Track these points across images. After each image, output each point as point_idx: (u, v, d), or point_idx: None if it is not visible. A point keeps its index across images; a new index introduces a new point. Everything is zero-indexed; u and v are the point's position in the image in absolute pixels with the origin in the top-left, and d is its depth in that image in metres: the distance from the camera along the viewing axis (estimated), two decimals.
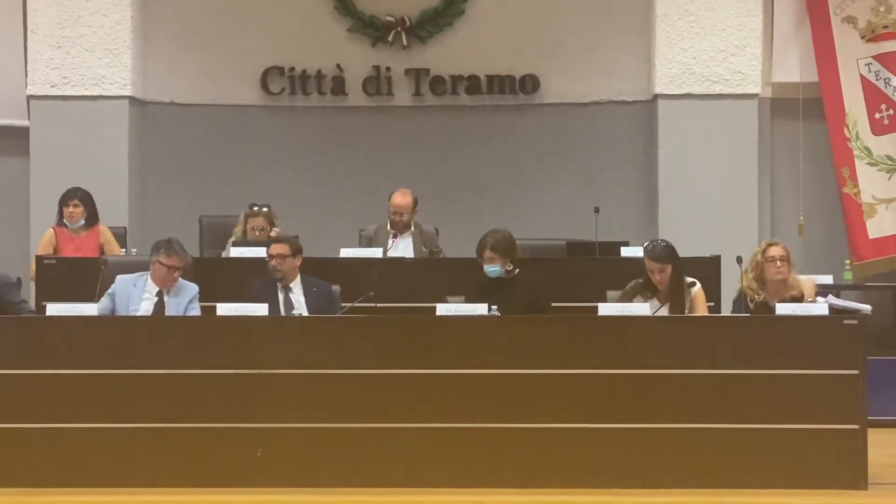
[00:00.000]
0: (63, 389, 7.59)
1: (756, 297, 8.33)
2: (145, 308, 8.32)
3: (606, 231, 10.11)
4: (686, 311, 8.28)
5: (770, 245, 8.48)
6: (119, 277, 8.47)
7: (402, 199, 10.12)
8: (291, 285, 8.63)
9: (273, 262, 8.59)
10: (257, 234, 10.12)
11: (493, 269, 8.56)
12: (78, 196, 10.19)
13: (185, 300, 8.34)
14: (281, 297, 8.58)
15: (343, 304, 8.59)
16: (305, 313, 8.48)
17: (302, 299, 8.59)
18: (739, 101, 11.60)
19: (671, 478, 7.52)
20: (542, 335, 7.70)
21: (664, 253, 8.31)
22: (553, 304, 8.62)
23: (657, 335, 7.70)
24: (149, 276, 8.39)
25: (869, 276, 11.27)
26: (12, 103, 11.82)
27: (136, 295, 8.36)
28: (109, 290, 8.39)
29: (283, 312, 8.48)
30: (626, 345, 7.65)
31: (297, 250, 8.69)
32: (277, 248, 8.63)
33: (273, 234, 10.01)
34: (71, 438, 7.56)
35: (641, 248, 8.72)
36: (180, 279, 8.40)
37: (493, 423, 7.56)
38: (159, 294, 8.36)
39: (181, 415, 7.58)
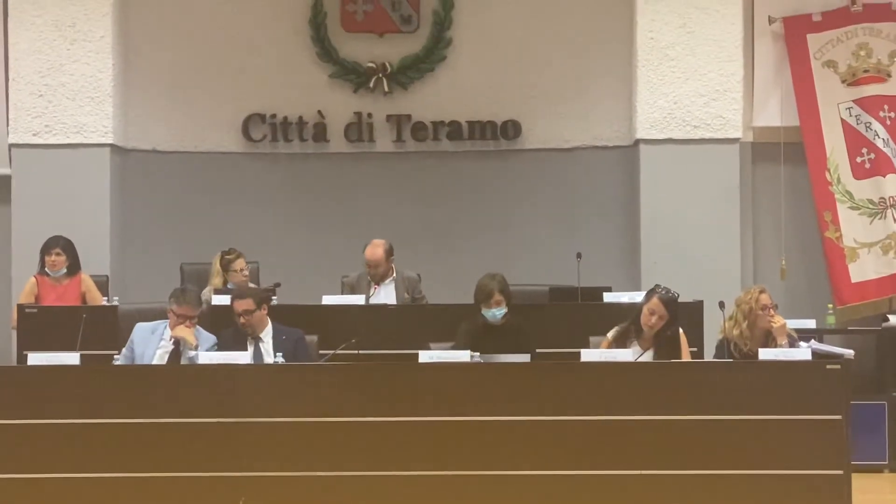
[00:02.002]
0: (42, 439, 7.54)
1: (744, 346, 8.29)
2: (159, 357, 8.34)
3: (589, 276, 10.08)
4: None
5: (761, 293, 8.43)
6: (138, 326, 8.53)
7: (371, 252, 10.04)
8: (262, 335, 8.56)
9: (241, 320, 8.52)
10: (243, 276, 10.12)
11: (500, 311, 8.53)
12: (60, 245, 10.17)
13: (201, 349, 8.29)
14: (251, 348, 8.49)
15: (325, 352, 8.56)
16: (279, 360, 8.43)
17: (271, 349, 8.49)
18: (721, 146, 11.59)
19: None
20: (525, 381, 7.67)
21: (673, 301, 8.18)
22: (536, 350, 8.59)
23: (640, 381, 7.66)
24: (167, 325, 8.41)
25: (852, 321, 11.26)
26: None
27: (153, 343, 8.38)
28: (129, 341, 8.44)
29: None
30: (609, 391, 7.61)
31: (261, 301, 8.61)
32: (243, 305, 8.54)
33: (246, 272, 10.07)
34: (49, 489, 7.50)
35: (624, 294, 8.69)
36: (199, 329, 8.44)
37: (476, 471, 7.53)
38: (175, 343, 8.36)
39: (163, 464, 7.53)
